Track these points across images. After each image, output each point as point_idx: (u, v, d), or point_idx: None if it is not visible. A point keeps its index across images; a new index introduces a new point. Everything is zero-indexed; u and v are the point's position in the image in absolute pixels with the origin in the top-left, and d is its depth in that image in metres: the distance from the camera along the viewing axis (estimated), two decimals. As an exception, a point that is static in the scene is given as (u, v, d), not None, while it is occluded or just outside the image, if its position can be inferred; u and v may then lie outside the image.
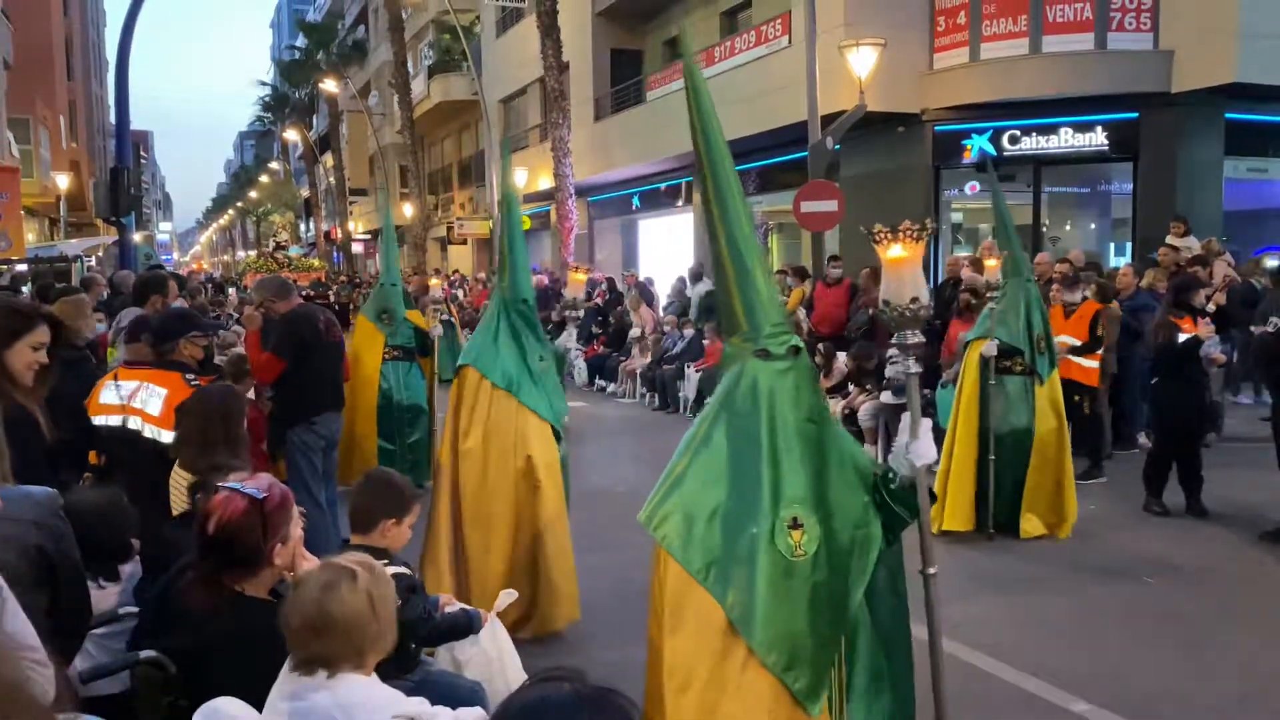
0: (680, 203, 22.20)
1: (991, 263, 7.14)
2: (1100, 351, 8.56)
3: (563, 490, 5.27)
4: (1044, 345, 6.96)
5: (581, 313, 5.91)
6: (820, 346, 10.91)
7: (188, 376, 4.38)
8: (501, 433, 5.19)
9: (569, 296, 6.04)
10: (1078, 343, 8.24)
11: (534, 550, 5.15)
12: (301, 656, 2.18)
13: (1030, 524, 6.97)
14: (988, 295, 7.06)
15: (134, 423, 4.28)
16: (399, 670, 2.97)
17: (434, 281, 13.33)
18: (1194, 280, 8.23)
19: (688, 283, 15.70)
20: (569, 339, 5.96)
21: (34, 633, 2.05)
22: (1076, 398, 8.23)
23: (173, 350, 4.52)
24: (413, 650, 3.22)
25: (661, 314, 15.70)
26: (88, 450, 4.61)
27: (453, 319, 16.90)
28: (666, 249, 23.17)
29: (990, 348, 6.83)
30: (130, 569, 3.59)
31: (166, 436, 4.06)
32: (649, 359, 14.25)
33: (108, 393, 4.38)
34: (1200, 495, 7.42)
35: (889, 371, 9.59)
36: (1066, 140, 14.52)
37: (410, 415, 8.58)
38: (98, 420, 4.30)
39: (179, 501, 3.54)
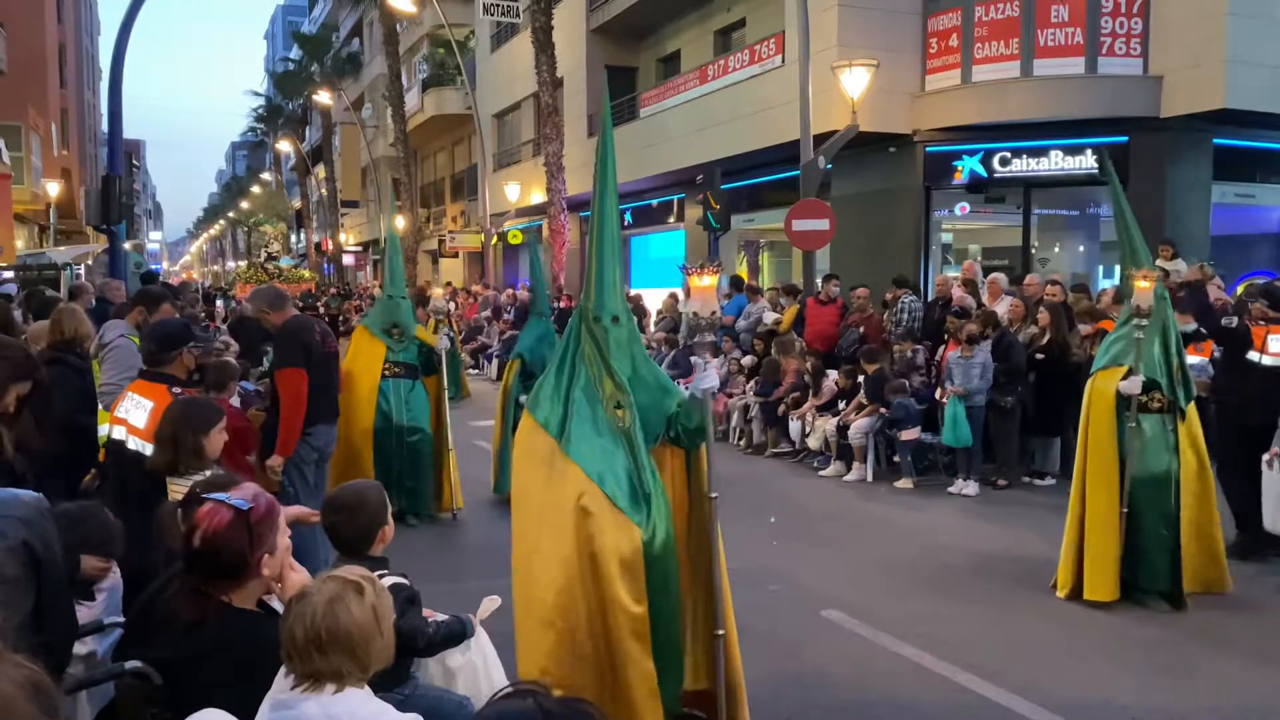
0: (672, 219, 22.26)
1: (1144, 284, 6.01)
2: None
3: (643, 590, 3.76)
4: (1181, 374, 6.13)
5: (712, 336, 4.10)
6: (809, 364, 10.94)
7: (174, 390, 4.33)
8: (557, 508, 3.76)
9: (697, 311, 4.12)
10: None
11: (599, 670, 3.77)
12: (305, 670, 2.15)
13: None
14: (1137, 324, 6.04)
15: (118, 433, 4.22)
16: (390, 683, 2.95)
17: (437, 291, 12.80)
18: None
19: (679, 296, 15.72)
20: (708, 373, 4.01)
21: None
22: None
23: (173, 360, 4.48)
24: (406, 663, 3.20)
25: (652, 330, 15.70)
26: (82, 460, 4.57)
27: (453, 333, 16.85)
28: (658, 265, 23.25)
29: (1133, 384, 5.95)
30: (111, 581, 3.56)
31: (150, 449, 4.00)
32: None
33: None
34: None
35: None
36: (1056, 163, 14.62)
37: (413, 438, 7.95)
38: (104, 429, 4.29)
39: None
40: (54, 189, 29.32)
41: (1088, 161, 14.47)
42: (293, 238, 63.61)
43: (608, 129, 4.14)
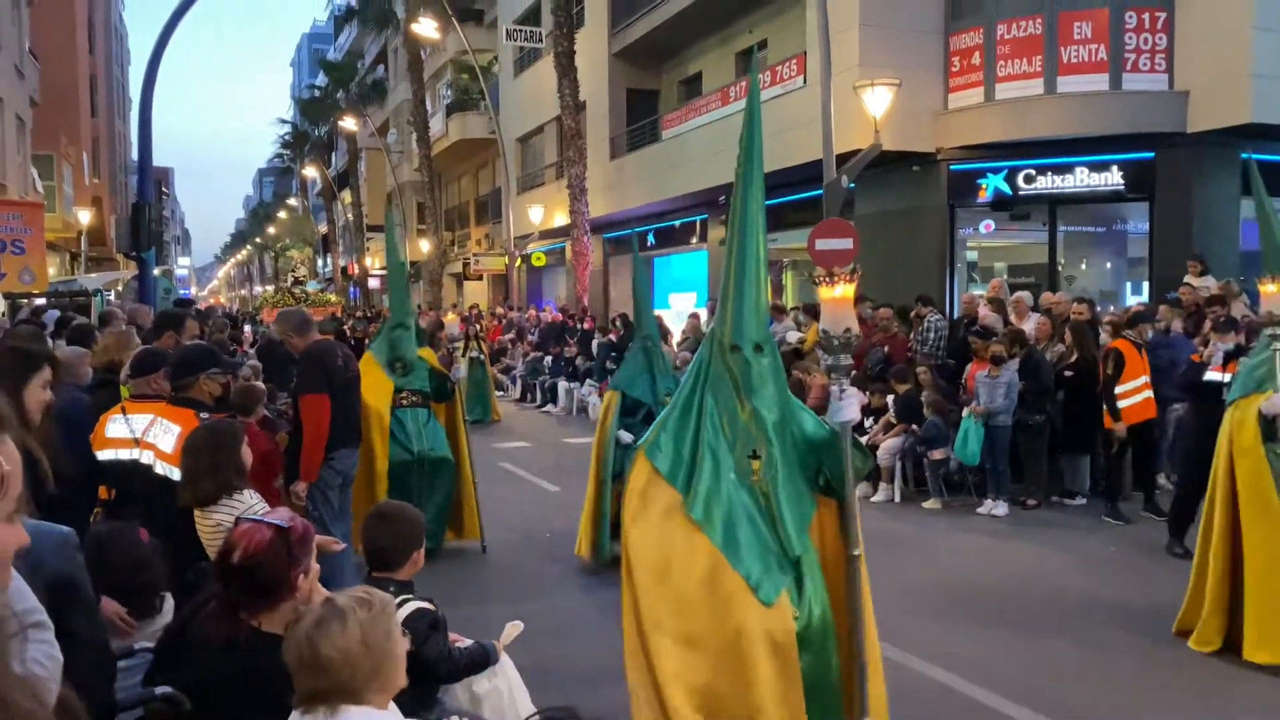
0: (695, 240, 22.30)
1: (1272, 287, 5.46)
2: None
3: (798, 677, 3.25)
4: None
5: (848, 358, 3.49)
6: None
7: (201, 415, 4.37)
8: (685, 577, 3.24)
9: (828, 329, 3.39)
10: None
11: None
12: (299, 693, 2.17)
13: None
14: (1272, 335, 5.40)
15: (146, 457, 4.26)
16: (417, 709, 2.94)
17: (450, 317, 12.66)
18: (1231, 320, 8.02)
19: (702, 318, 15.72)
20: (847, 403, 3.36)
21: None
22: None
23: (191, 385, 4.52)
24: (432, 689, 3.19)
25: (675, 349, 15.69)
26: (93, 484, 4.60)
27: (483, 355, 16.86)
28: (680, 286, 23.31)
29: (1276, 403, 5.25)
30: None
31: (178, 474, 4.03)
32: (663, 395, 14.21)
33: (116, 426, 4.37)
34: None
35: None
36: (1082, 180, 14.54)
37: (435, 470, 7.48)
38: (105, 455, 4.29)
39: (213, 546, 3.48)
40: (85, 217, 29.76)
41: (1114, 178, 14.38)
42: (319, 262, 64.14)
43: (756, 114, 3.38)
